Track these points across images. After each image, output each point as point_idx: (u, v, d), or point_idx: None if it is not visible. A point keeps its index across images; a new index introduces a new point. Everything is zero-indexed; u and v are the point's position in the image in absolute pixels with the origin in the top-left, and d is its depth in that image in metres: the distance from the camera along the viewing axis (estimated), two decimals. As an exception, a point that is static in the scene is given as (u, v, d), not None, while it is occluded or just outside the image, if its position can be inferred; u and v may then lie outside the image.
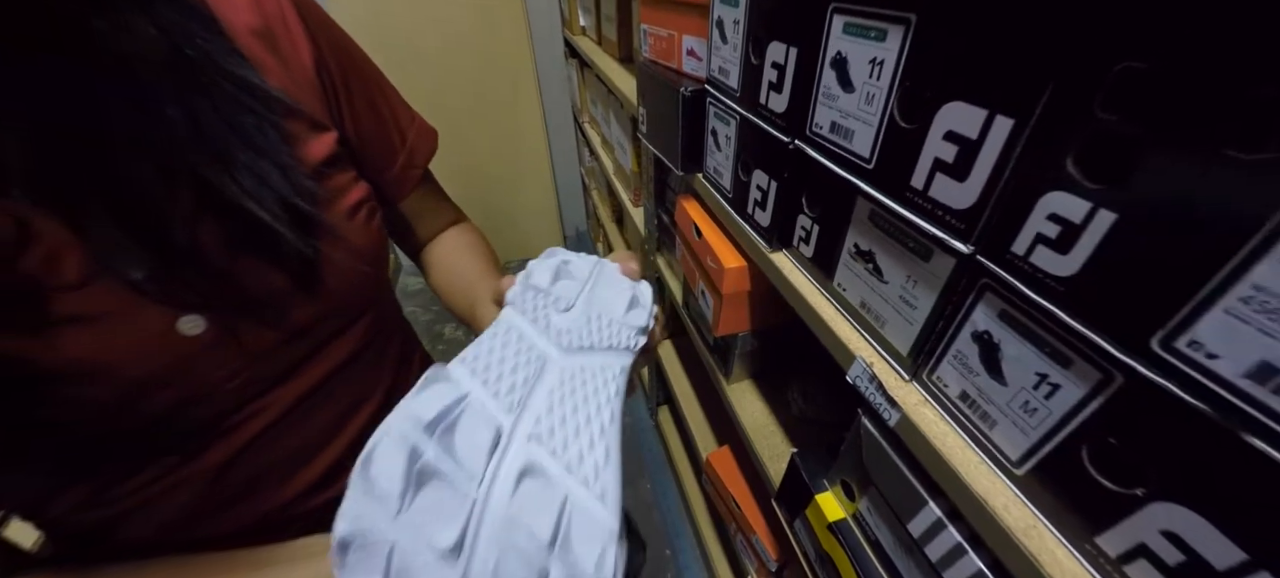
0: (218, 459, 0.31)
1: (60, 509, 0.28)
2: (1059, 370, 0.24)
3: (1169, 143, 0.18)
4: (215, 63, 0.27)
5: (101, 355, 0.25)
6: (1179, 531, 0.21)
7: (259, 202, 0.27)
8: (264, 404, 0.32)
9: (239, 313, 0.28)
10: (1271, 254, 0.16)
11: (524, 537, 0.19)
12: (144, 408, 0.26)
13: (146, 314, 0.26)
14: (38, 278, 0.23)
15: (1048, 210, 0.23)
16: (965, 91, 0.25)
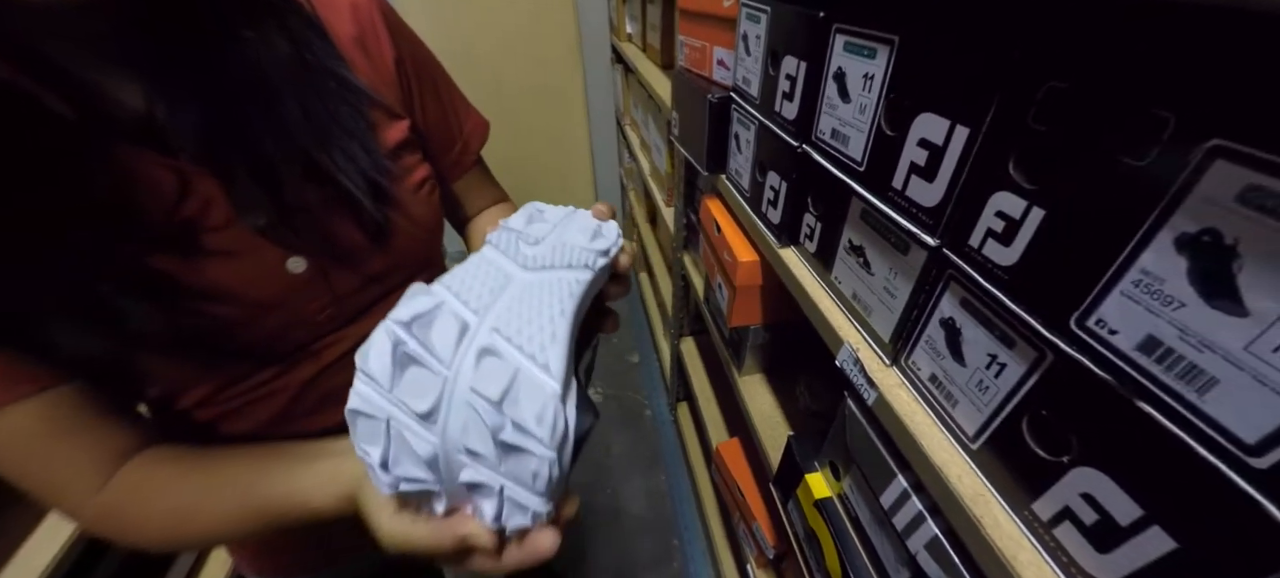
0: (304, 376, 0.38)
1: (186, 404, 0.36)
2: (1005, 350, 0.28)
3: (1083, 150, 0.22)
4: (324, 65, 0.34)
5: (233, 281, 0.32)
6: (1093, 492, 0.24)
7: (347, 175, 0.34)
8: (341, 336, 0.39)
9: (330, 259, 0.36)
10: (1155, 243, 0.20)
11: (481, 399, 0.23)
12: (258, 326, 0.34)
13: (266, 253, 0.33)
14: (194, 220, 0.31)
15: (995, 207, 0.26)
16: (934, 103, 0.29)
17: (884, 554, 0.41)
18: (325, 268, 0.35)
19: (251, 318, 0.33)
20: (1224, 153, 0.17)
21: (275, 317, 0.34)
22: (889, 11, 0.32)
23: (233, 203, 0.31)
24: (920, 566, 0.35)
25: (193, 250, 0.30)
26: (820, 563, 0.50)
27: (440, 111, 0.44)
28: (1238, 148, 0.17)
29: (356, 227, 0.36)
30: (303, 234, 0.34)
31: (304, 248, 0.34)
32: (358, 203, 0.35)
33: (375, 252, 0.37)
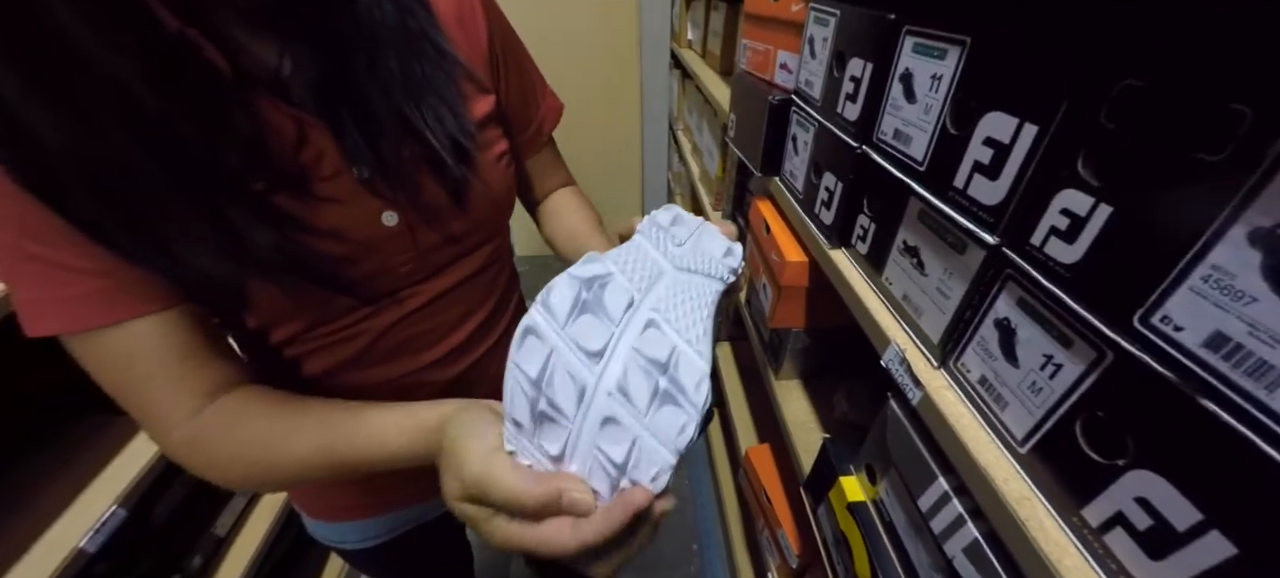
0: (383, 324, 0.42)
1: (278, 339, 0.40)
2: (1062, 350, 0.27)
3: (1156, 147, 0.22)
4: (425, 33, 0.38)
5: (339, 223, 0.36)
6: (1149, 496, 0.24)
7: (435, 134, 0.38)
8: (419, 289, 0.43)
9: (417, 215, 0.40)
10: (1227, 238, 0.20)
11: (645, 357, 0.27)
12: (354, 268, 0.38)
13: (366, 202, 0.37)
14: (309, 166, 0.35)
15: (1061, 205, 0.26)
16: (1002, 103, 0.29)
17: (918, 560, 0.41)
18: (412, 224, 0.39)
19: (349, 258, 0.37)
20: (1307, 147, 0.17)
21: (367, 263, 0.38)
22: (962, 13, 0.33)
23: (343, 153, 0.35)
24: (957, 570, 0.35)
25: (307, 193, 0.35)
26: (849, 569, 0.50)
27: (522, 90, 0.48)
28: (1321, 141, 0.17)
29: (441, 187, 0.40)
30: (397, 188, 0.37)
31: (396, 202, 0.38)
32: (443, 162, 0.38)
33: (455, 213, 0.41)
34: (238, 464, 0.35)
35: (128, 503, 0.68)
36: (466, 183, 0.40)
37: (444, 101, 0.38)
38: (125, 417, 0.72)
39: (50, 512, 0.66)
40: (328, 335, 0.41)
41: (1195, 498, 0.22)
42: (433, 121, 0.38)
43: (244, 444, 0.35)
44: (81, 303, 0.31)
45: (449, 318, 0.45)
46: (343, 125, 0.35)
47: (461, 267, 0.45)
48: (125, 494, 0.68)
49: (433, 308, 0.44)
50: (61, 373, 0.75)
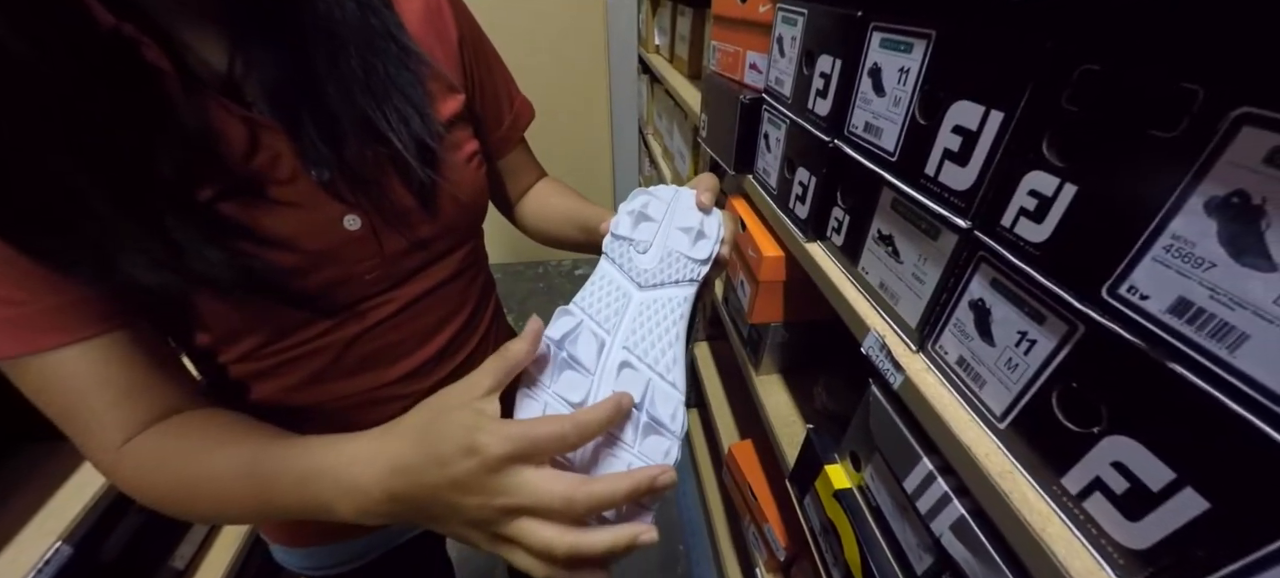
0: (347, 336, 0.40)
1: (231, 357, 0.38)
2: (1035, 326, 0.29)
3: (1115, 126, 0.23)
4: (389, 32, 0.37)
5: (294, 231, 0.34)
6: (1125, 460, 0.25)
7: (399, 135, 0.36)
8: (387, 298, 0.41)
9: (382, 219, 0.38)
10: (1185, 208, 0.21)
11: (625, 400, 0.30)
12: (311, 278, 0.36)
13: (325, 207, 0.35)
14: (263, 171, 0.33)
15: (1028, 187, 0.28)
16: (969, 92, 0.30)
17: (905, 541, 0.42)
18: (377, 228, 0.38)
19: (307, 267, 0.35)
20: (1251, 119, 0.18)
21: (328, 270, 0.36)
22: (926, 7, 0.34)
23: (300, 155, 0.33)
24: (944, 548, 0.36)
25: (260, 199, 0.33)
26: (838, 556, 0.50)
27: (494, 89, 0.47)
28: (1264, 113, 0.18)
29: (407, 190, 0.38)
30: (359, 191, 0.36)
31: (360, 206, 0.36)
32: (408, 164, 0.37)
33: (423, 217, 0.40)
34: (164, 494, 0.33)
35: (72, 539, 0.62)
36: (434, 185, 0.39)
37: (409, 101, 0.37)
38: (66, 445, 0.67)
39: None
40: (288, 350, 0.38)
41: (1168, 458, 0.23)
42: (397, 122, 0.36)
43: (169, 478, 0.32)
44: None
45: (420, 327, 0.44)
46: (300, 126, 0.33)
47: (432, 274, 0.43)
48: (70, 529, 0.62)
49: (402, 318, 0.42)
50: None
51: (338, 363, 0.41)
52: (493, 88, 0.47)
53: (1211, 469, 0.21)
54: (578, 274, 2.29)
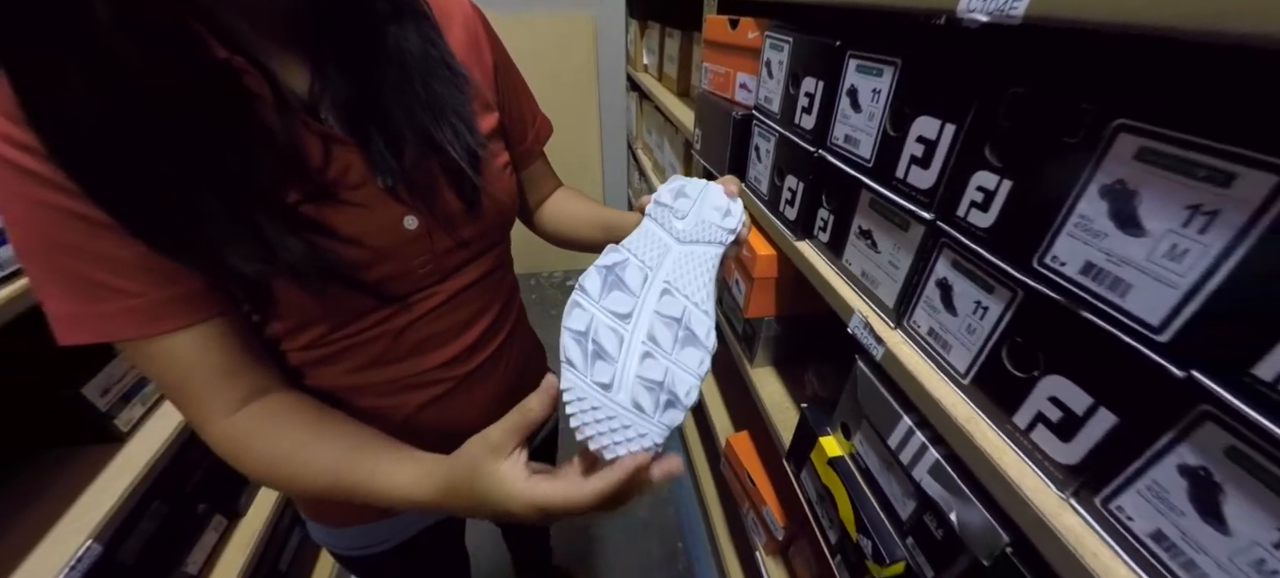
0: (400, 324, 0.44)
1: (302, 342, 0.42)
2: (986, 295, 0.35)
3: (1037, 135, 0.30)
4: (443, 59, 0.42)
5: (362, 229, 0.39)
6: (1058, 394, 0.31)
7: (453, 147, 0.42)
8: (432, 292, 0.46)
9: (434, 220, 0.43)
10: (1087, 194, 0.28)
11: (664, 315, 0.35)
12: (375, 270, 0.41)
13: (389, 209, 0.40)
14: (337, 179, 0.38)
15: (976, 184, 0.35)
16: (929, 109, 0.37)
17: (891, 492, 0.48)
18: (430, 228, 0.43)
19: (372, 261, 0.40)
20: (1125, 128, 0.25)
21: (389, 264, 0.41)
22: (893, 40, 0.41)
23: (368, 164, 0.38)
24: (924, 490, 0.42)
25: (335, 202, 0.37)
26: (834, 519, 0.56)
27: (519, 109, 0.53)
28: (1134, 123, 0.25)
29: (456, 194, 0.43)
30: (417, 196, 0.41)
31: (416, 208, 0.41)
32: (459, 172, 0.42)
33: (467, 218, 0.45)
34: (257, 467, 0.38)
35: (102, 537, 0.64)
36: (477, 190, 0.44)
37: (459, 118, 0.42)
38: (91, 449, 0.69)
39: (21, 548, 0.62)
40: (349, 337, 0.43)
41: (1087, 386, 0.30)
42: (450, 136, 0.42)
43: (263, 454, 0.38)
44: (114, 318, 0.33)
45: (459, 320, 0.49)
46: (370, 140, 0.38)
47: (471, 270, 0.48)
48: (99, 528, 0.64)
49: (444, 310, 0.47)
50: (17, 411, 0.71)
51: (389, 349, 0.45)
52: (518, 107, 0.53)
53: (1114, 389, 0.28)
54: (568, 285, 2.34)
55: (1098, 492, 0.30)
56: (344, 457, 0.39)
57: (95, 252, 0.31)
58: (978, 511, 0.37)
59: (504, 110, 0.51)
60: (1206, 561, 0.25)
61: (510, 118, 0.52)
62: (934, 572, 0.43)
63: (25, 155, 0.28)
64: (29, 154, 0.28)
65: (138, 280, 0.32)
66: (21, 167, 0.28)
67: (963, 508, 0.38)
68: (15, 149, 0.28)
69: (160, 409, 0.83)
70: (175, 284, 0.33)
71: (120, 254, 0.31)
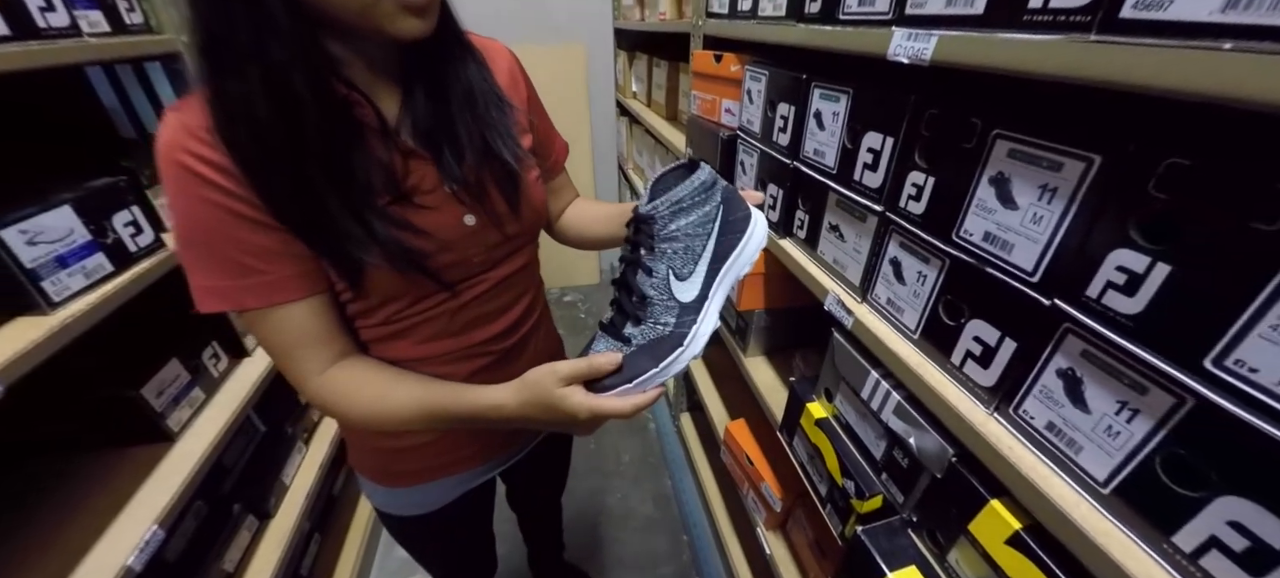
0: (457, 304, 0.54)
1: (380, 317, 0.51)
2: (923, 266, 0.46)
3: (946, 142, 0.41)
4: (494, 91, 0.53)
5: (434, 225, 0.48)
6: (979, 334, 0.42)
7: (503, 157, 0.52)
8: (483, 278, 0.55)
9: (487, 218, 0.53)
10: (981, 182, 0.39)
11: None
12: (442, 258, 0.50)
13: (454, 209, 0.50)
14: (415, 185, 0.47)
15: (912, 181, 0.46)
16: (874, 126, 0.49)
17: (867, 439, 0.58)
18: (484, 225, 0.52)
19: (439, 250, 0.50)
20: (1000, 135, 0.37)
21: (452, 254, 0.51)
22: (846, 75, 0.53)
23: (439, 172, 0.48)
24: (891, 428, 0.52)
25: (413, 204, 0.47)
26: (822, 472, 0.66)
27: (545, 132, 0.64)
28: (1006, 132, 0.36)
29: (503, 198, 0.53)
30: (474, 199, 0.51)
31: (474, 209, 0.51)
32: (505, 178, 0.52)
33: (512, 218, 0.55)
34: (356, 409, 0.48)
35: (165, 523, 0.70)
36: (519, 195, 0.54)
37: (509, 135, 0.53)
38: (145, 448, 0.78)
39: (94, 531, 0.69)
40: (418, 314, 0.52)
41: (996, 323, 0.40)
42: (500, 147, 0.52)
43: (362, 397, 0.48)
44: (250, 291, 0.43)
45: (502, 302, 0.58)
46: (441, 154, 0.48)
47: (512, 261, 0.58)
48: (164, 515, 0.70)
49: (491, 293, 0.57)
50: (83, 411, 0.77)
51: (447, 325, 0.55)
52: (544, 131, 0.64)
53: (1013, 322, 0.38)
54: (565, 301, 2.42)
55: (1009, 403, 0.40)
56: (426, 392, 0.48)
57: (244, 240, 0.41)
58: (931, 435, 0.47)
59: (535, 133, 0.61)
60: (1079, 435, 0.35)
61: (539, 139, 0.63)
62: (903, 496, 0.53)
63: (205, 166, 0.38)
64: (207, 165, 0.38)
65: (270, 263, 0.42)
66: (200, 175, 0.38)
67: (919, 436, 0.48)
68: (197, 161, 0.38)
69: (204, 412, 0.89)
70: (294, 266, 0.43)
71: (261, 242, 0.41)
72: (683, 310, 0.44)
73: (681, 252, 0.45)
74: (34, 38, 0.64)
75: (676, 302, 0.44)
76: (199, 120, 0.38)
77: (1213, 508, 0.28)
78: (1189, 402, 0.28)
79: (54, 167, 0.77)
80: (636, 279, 0.44)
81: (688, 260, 0.45)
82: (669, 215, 0.44)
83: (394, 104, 0.47)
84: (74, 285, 0.66)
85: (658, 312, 0.44)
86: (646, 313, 0.44)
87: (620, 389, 0.42)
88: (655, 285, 0.44)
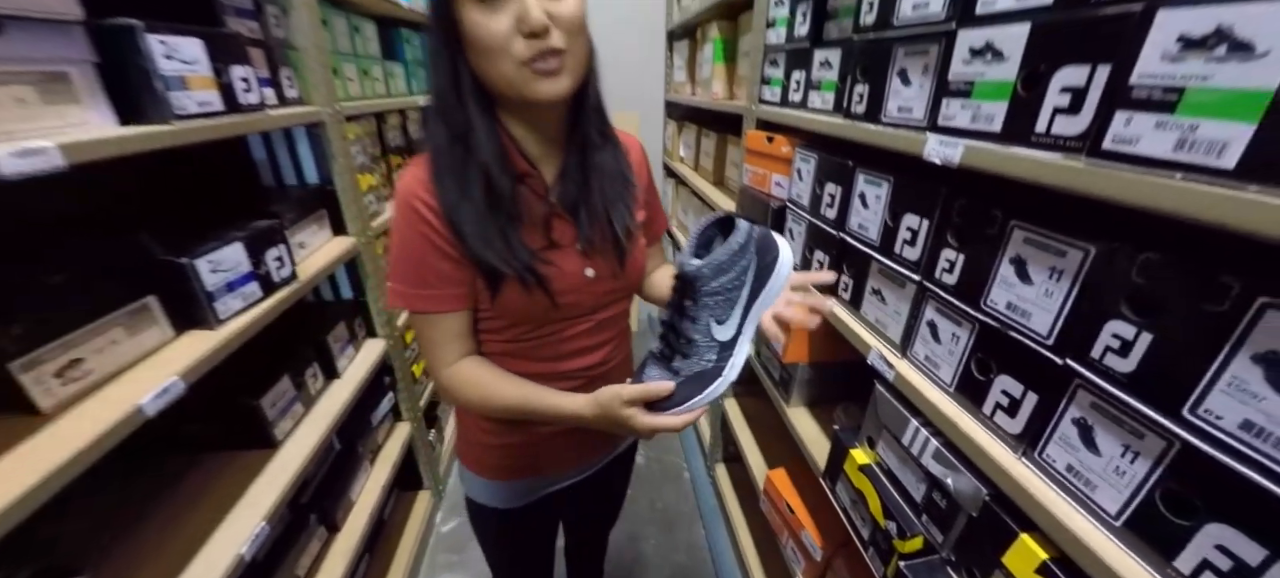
0: (569, 334, 0.65)
1: (504, 338, 0.63)
2: (957, 328, 0.54)
3: (976, 229, 0.51)
4: (624, 173, 0.66)
5: (566, 269, 0.61)
6: (1006, 388, 0.49)
7: (621, 228, 0.64)
8: (588, 318, 0.66)
9: (602, 272, 0.65)
10: (1003, 260, 0.48)
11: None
12: (565, 296, 0.62)
13: (579, 261, 0.62)
14: (556, 239, 0.61)
15: (945, 257, 0.55)
16: (912, 208, 0.59)
17: (907, 482, 0.64)
18: (599, 277, 0.64)
19: (566, 290, 0.62)
20: (1017, 225, 0.46)
21: (572, 296, 0.63)
22: (885, 166, 0.64)
23: (575, 232, 0.61)
24: (929, 471, 0.58)
25: (554, 250, 0.61)
26: (866, 516, 0.71)
27: (654, 210, 0.77)
28: (1022, 223, 0.46)
29: (616, 258, 0.65)
30: (596, 255, 0.63)
31: (594, 263, 0.63)
32: (619, 243, 0.64)
33: (619, 274, 0.67)
34: (470, 395, 0.61)
35: (271, 519, 0.81)
36: (627, 256, 0.67)
37: (628, 209, 0.66)
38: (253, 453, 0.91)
39: (212, 521, 0.81)
40: (533, 338, 0.65)
41: (1020, 378, 0.48)
42: (621, 218, 0.64)
43: (475, 387, 0.61)
44: (429, 297, 0.57)
45: (600, 339, 0.70)
46: (578, 217, 0.61)
47: (612, 309, 0.70)
48: (271, 512, 0.81)
49: (593, 331, 0.68)
50: (204, 423, 0.90)
51: (554, 350, 0.66)
52: (653, 208, 0.77)
53: (1035, 379, 0.46)
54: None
55: (1034, 447, 0.47)
56: (523, 391, 0.61)
57: (432, 264, 0.56)
58: (966, 477, 0.53)
59: (647, 210, 0.75)
60: (1093, 475, 0.42)
61: (648, 217, 0.76)
62: (942, 536, 0.58)
63: (424, 208, 0.54)
64: (425, 207, 0.54)
65: (443, 284, 0.57)
66: (420, 214, 0.54)
67: (956, 478, 0.54)
68: (420, 204, 0.54)
69: (303, 425, 1.01)
70: (457, 289, 0.58)
71: (443, 268, 0.56)
72: (722, 348, 0.54)
73: (722, 302, 0.54)
74: (237, 111, 0.82)
75: (716, 342, 0.54)
76: (424, 174, 0.54)
77: (1202, 534, 0.34)
78: (1176, 444, 0.35)
79: (200, 204, 0.95)
80: (683, 326, 0.54)
81: (727, 309, 0.54)
82: (711, 276, 0.52)
83: (553, 174, 0.61)
84: (234, 307, 0.81)
85: (702, 350, 0.53)
86: (691, 350, 0.53)
87: (672, 411, 0.53)
88: (699, 331, 0.53)
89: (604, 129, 0.63)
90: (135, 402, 0.60)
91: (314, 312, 1.22)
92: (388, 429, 1.43)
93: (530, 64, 0.49)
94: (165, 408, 0.63)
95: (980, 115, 0.48)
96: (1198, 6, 0.31)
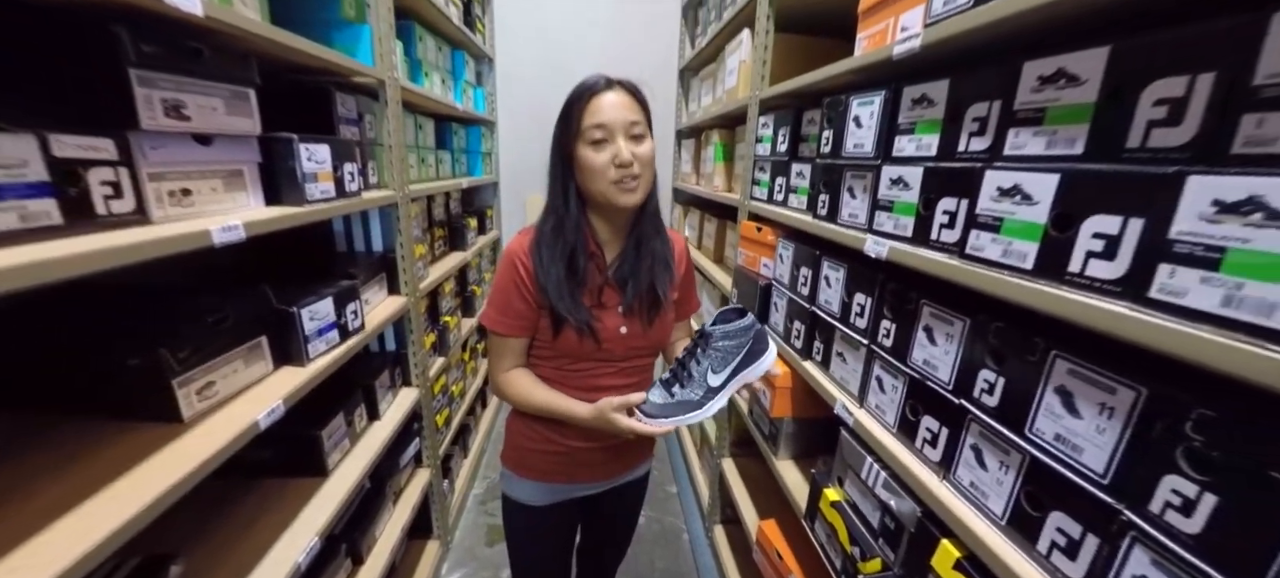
0: (601, 372, 0.83)
1: (549, 362, 0.83)
2: (895, 380, 0.71)
3: (900, 307, 0.69)
4: (667, 259, 0.87)
5: (607, 324, 0.80)
6: (931, 427, 0.65)
7: (658, 298, 0.84)
8: (617, 365, 0.85)
9: (636, 331, 0.83)
10: (919, 332, 0.66)
11: None
12: (604, 345, 0.81)
13: (619, 320, 0.82)
14: (605, 302, 0.81)
15: (883, 325, 0.73)
16: (860, 289, 0.78)
17: (866, 510, 0.77)
18: (633, 333, 0.83)
19: (605, 339, 0.81)
20: (924, 303, 0.64)
21: (609, 345, 0.82)
22: (843, 256, 0.84)
23: (619, 297, 0.81)
24: (882, 498, 0.72)
25: (601, 311, 0.80)
26: (837, 546, 0.83)
27: (687, 293, 0.97)
28: (925, 301, 0.64)
29: (648, 322, 0.84)
30: (633, 317, 0.83)
31: (629, 323, 0.83)
32: (653, 312, 0.84)
33: (649, 334, 0.85)
34: (514, 393, 0.82)
35: (322, 536, 0.93)
36: (657, 323, 0.86)
37: (663, 288, 0.86)
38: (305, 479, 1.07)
39: (272, 535, 0.93)
40: (572, 368, 0.84)
41: (931, 412, 0.64)
42: (658, 294, 0.84)
43: (518, 390, 0.81)
44: (506, 323, 0.78)
45: (622, 382, 0.87)
46: (625, 287, 0.82)
47: (637, 362, 0.88)
48: (326, 529, 0.93)
49: (617, 375, 0.86)
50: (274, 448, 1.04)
51: (585, 383, 0.84)
52: (686, 292, 0.97)
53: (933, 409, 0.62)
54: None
55: (948, 470, 0.62)
56: (549, 396, 0.80)
57: (514, 304, 0.78)
58: (905, 499, 0.67)
59: (681, 291, 0.94)
60: (985, 488, 0.57)
61: (682, 297, 0.96)
62: (893, 554, 0.71)
63: (521, 267, 0.77)
64: (523, 267, 0.76)
65: (517, 318, 0.78)
66: (518, 269, 0.77)
67: (898, 500, 0.68)
68: (519, 261, 0.77)
69: (348, 458, 1.15)
70: (526, 323, 0.79)
71: (521, 307, 0.78)
72: (708, 391, 0.76)
73: (720, 358, 0.76)
74: (344, 197, 1.05)
75: (706, 385, 0.76)
76: (527, 244, 0.78)
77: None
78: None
79: (294, 264, 1.16)
80: (690, 365, 0.77)
81: (722, 364, 0.77)
82: (720, 338, 0.77)
83: (613, 254, 0.83)
84: (320, 349, 0.99)
85: (694, 386, 0.75)
86: (689, 383, 0.76)
87: (652, 422, 0.74)
88: (698, 372, 0.76)
89: (658, 226, 0.86)
90: (253, 417, 0.76)
91: (359, 359, 1.39)
92: (410, 473, 1.54)
93: (618, 183, 0.74)
94: (272, 425, 0.79)
95: (899, 225, 0.69)
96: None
